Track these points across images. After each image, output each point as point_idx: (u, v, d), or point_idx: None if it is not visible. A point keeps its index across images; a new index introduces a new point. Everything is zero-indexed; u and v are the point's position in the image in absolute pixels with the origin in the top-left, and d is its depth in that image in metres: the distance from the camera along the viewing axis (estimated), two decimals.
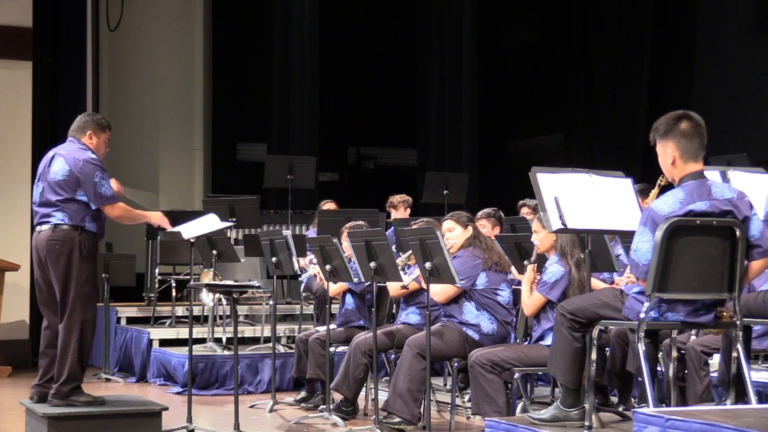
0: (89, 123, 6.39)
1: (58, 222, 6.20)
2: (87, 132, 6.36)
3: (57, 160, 6.27)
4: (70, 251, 6.16)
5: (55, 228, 6.20)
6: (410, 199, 10.06)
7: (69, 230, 6.18)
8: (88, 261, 6.21)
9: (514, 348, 6.14)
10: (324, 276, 7.24)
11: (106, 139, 6.45)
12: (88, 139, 6.35)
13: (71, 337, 6.16)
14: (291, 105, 15.24)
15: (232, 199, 10.13)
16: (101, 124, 6.43)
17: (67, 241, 6.18)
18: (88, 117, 6.47)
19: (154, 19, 14.27)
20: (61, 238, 6.18)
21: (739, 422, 3.71)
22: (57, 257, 6.17)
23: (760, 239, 4.58)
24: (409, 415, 6.40)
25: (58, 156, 6.28)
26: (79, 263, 6.17)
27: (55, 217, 6.21)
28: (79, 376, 6.24)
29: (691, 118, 4.58)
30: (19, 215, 10.47)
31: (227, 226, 8.84)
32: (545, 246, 6.13)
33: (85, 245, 6.19)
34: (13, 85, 10.65)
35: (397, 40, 16.91)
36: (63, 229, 6.19)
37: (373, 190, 14.85)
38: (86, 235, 6.21)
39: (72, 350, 6.16)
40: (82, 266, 6.18)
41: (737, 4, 12.82)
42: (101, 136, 6.40)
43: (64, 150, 6.32)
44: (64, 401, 6.17)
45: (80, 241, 6.18)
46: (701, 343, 5.58)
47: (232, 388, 7.35)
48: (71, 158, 6.23)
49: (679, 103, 12.02)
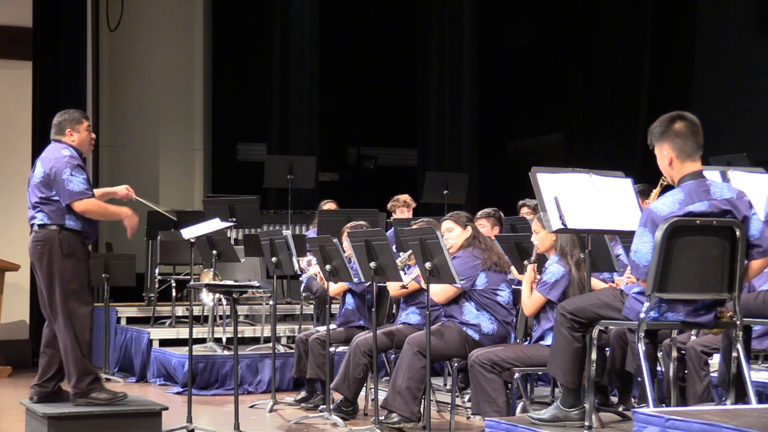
0: (65, 122, 6.40)
1: (40, 223, 6.25)
2: (66, 130, 6.37)
3: (37, 164, 6.35)
4: (50, 250, 6.18)
5: (38, 229, 6.25)
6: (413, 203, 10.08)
7: (49, 230, 6.21)
8: (71, 258, 6.19)
9: (514, 348, 6.14)
10: (324, 276, 7.24)
11: (86, 128, 6.43)
12: (69, 137, 6.36)
13: (67, 335, 6.17)
14: (291, 105, 15.24)
15: (232, 199, 10.13)
16: (75, 118, 6.42)
17: (47, 240, 6.20)
18: (61, 117, 6.45)
19: (154, 19, 14.28)
20: (42, 239, 6.22)
21: (739, 422, 3.71)
22: (40, 257, 6.21)
23: (760, 239, 4.58)
24: (408, 412, 6.40)
25: (38, 160, 6.36)
26: (60, 261, 6.17)
27: (37, 218, 6.26)
28: (89, 368, 6.26)
29: (685, 118, 4.60)
30: (19, 215, 10.43)
31: (227, 226, 8.85)
32: (545, 246, 6.13)
33: (67, 243, 6.19)
34: (13, 85, 10.65)
35: (397, 40, 16.91)
36: (44, 230, 6.22)
37: (373, 190, 14.86)
38: (67, 233, 6.20)
39: (71, 347, 6.17)
40: (65, 264, 6.17)
41: (737, 4, 12.82)
42: (80, 129, 6.39)
43: (44, 153, 6.38)
44: (85, 399, 6.19)
45: (60, 239, 6.18)
46: (701, 343, 5.58)
47: (232, 388, 7.35)
48: (46, 160, 6.28)
49: (679, 103, 12.02)
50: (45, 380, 6.35)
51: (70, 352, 6.18)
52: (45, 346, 6.37)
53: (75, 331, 6.19)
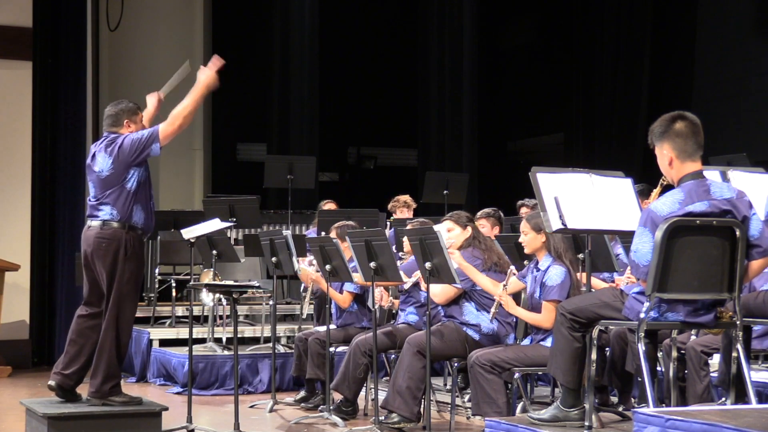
0: (121, 113, 6.36)
1: (106, 218, 6.22)
2: (123, 121, 6.35)
3: (99, 156, 6.26)
4: (116, 250, 6.19)
5: (103, 225, 6.22)
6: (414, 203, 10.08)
7: (116, 228, 6.20)
8: (132, 260, 6.23)
9: (514, 348, 6.14)
10: (324, 276, 7.23)
11: (141, 119, 6.44)
12: (127, 128, 6.34)
13: (108, 335, 6.18)
14: (291, 105, 15.23)
15: (232, 199, 10.14)
16: (132, 108, 6.42)
17: (113, 239, 6.20)
18: (116, 108, 6.41)
19: (154, 19, 14.27)
20: (108, 236, 6.21)
21: (739, 422, 3.71)
22: (104, 254, 6.20)
23: (760, 239, 4.58)
24: (408, 412, 6.40)
25: (99, 152, 6.28)
26: (123, 262, 6.19)
27: (103, 211, 6.23)
28: (117, 373, 6.27)
29: (685, 118, 4.60)
30: (19, 215, 10.47)
31: (227, 226, 8.85)
32: (533, 247, 6.12)
33: (131, 244, 6.21)
34: (13, 85, 10.64)
35: (397, 40, 16.91)
36: (111, 227, 6.20)
37: (373, 190, 14.86)
38: (133, 233, 6.23)
39: (109, 348, 6.18)
40: (126, 265, 6.20)
41: (737, 4, 12.83)
42: (136, 119, 6.39)
43: (103, 144, 6.31)
44: (101, 400, 6.19)
45: (126, 240, 6.20)
46: (701, 343, 5.58)
47: (232, 388, 7.35)
48: (112, 148, 6.22)
49: (679, 103, 12.03)
50: (71, 372, 6.30)
51: (105, 352, 6.18)
52: (78, 335, 6.32)
53: (118, 332, 6.21)
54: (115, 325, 6.20)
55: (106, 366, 6.19)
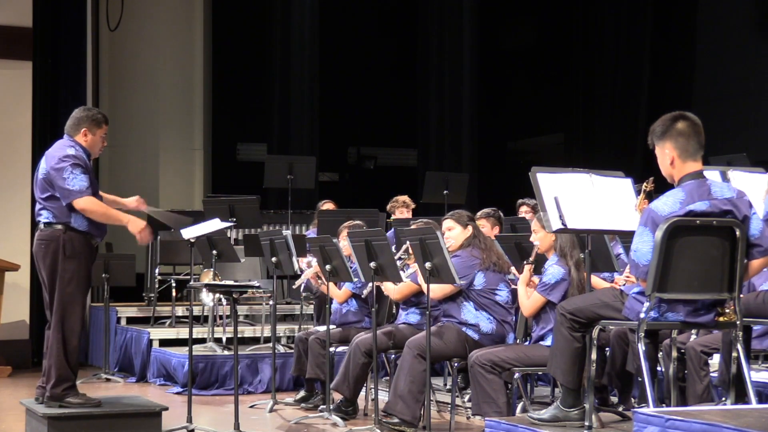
0: (84, 120, 6.23)
1: (45, 220, 6.17)
2: (81, 129, 6.22)
3: (43, 159, 6.25)
4: (54, 250, 6.10)
5: (44, 227, 6.18)
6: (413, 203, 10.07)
7: (54, 229, 6.13)
8: (72, 260, 6.11)
9: (514, 348, 6.14)
10: (324, 276, 7.23)
11: (103, 134, 6.29)
12: (83, 137, 6.22)
13: (55, 338, 6.11)
14: (291, 105, 15.23)
15: (232, 199, 10.13)
16: (97, 119, 6.26)
17: (51, 240, 6.12)
18: (83, 113, 6.28)
19: (154, 18, 14.26)
20: (46, 238, 6.15)
21: (739, 422, 3.71)
22: (43, 256, 6.14)
23: (760, 238, 4.59)
24: (411, 416, 6.39)
25: (45, 155, 6.25)
26: (63, 263, 6.09)
27: (43, 215, 6.19)
28: (69, 376, 6.17)
29: (687, 118, 4.60)
30: (19, 215, 10.46)
31: (227, 226, 8.85)
32: (545, 246, 6.13)
33: (71, 244, 6.10)
34: (13, 85, 10.64)
35: (397, 40, 16.90)
36: (49, 228, 6.14)
37: (373, 190, 14.86)
38: (72, 233, 6.11)
39: (56, 351, 6.10)
40: (66, 265, 6.10)
41: (737, 5, 12.82)
42: (97, 132, 6.25)
43: (51, 149, 6.26)
44: (58, 402, 6.13)
45: (64, 240, 6.10)
46: (701, 343, 5.58)
47: (232, 388, 7.35)
48: (50, 157, 6.17)
49: (679, 103, 12.02)
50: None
51: (54, 355, 6.11)
52: (46, 346, 6.28)
53: (64, 334, 6.12)
54: (60, 327, 6.09)
55: (56, 370, 6.10)
